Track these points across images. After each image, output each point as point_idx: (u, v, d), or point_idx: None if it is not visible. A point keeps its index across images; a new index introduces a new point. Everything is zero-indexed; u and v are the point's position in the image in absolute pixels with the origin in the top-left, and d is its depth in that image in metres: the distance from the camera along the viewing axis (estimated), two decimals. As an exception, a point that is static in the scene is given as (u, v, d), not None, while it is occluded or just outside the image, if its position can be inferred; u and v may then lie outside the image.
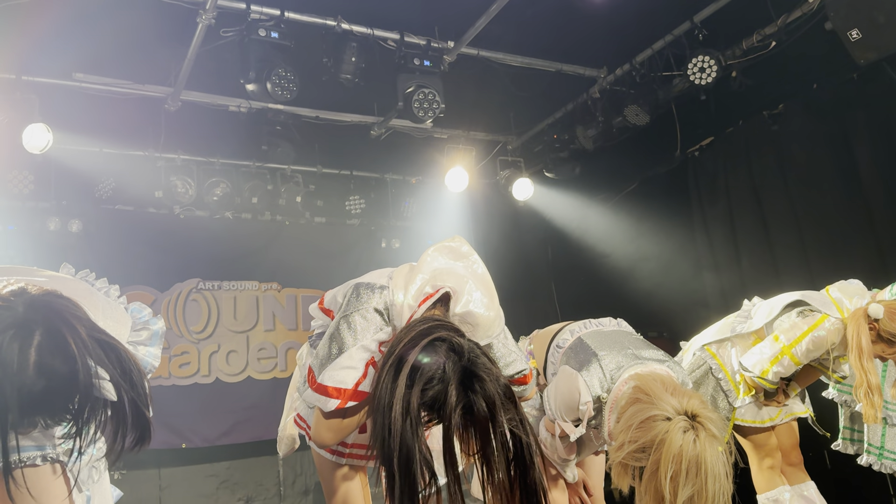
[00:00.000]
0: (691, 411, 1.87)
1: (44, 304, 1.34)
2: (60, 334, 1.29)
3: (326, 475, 2.06)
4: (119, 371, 1.35)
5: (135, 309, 1.97)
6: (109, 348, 1.36)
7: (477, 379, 1.48)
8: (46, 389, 1.26)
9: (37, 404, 1.29)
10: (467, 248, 1.92)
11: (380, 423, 1.48)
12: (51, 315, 1.32)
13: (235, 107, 5.27)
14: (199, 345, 5.92)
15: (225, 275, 6.16)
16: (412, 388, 1.46)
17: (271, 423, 5.84)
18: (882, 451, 2.98)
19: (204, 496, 5.81)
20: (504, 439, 1.47)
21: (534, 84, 5.35)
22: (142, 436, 1.39)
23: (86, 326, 1.36)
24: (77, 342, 1.29)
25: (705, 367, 3.01)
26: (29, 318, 1.29)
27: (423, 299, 1.74)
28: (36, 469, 1.60)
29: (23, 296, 1.34)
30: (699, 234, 5.65)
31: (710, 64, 4.75)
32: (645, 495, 1.88)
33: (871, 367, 2.56)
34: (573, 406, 2.13)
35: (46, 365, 1.26)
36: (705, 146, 5.67)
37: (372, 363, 1.72)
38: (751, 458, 3.04)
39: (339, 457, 2.02)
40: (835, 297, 2.78)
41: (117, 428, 1.36)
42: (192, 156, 5.73)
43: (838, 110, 4.74)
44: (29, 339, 1.27)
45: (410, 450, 1.43)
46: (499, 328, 1.84)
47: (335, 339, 1.74)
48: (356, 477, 2.06)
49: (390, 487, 1.46)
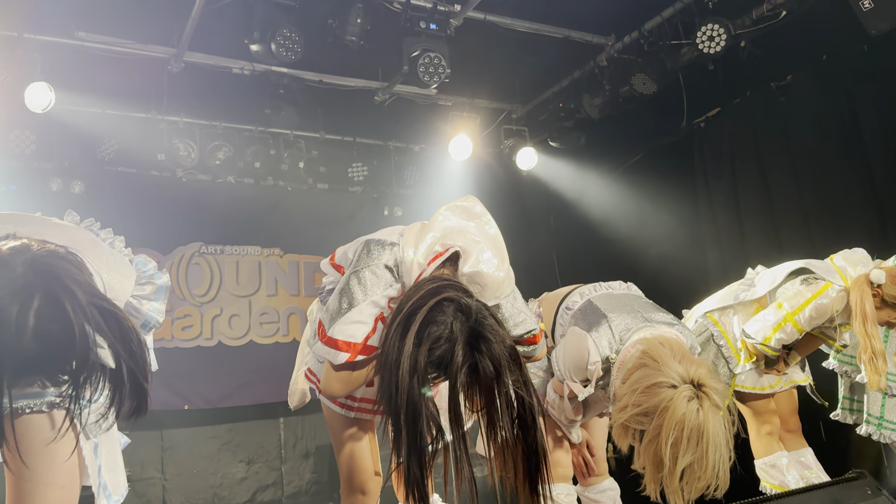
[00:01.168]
0: (697, 380, 1.88)
1: (44, 266, 1.32)
2: (59, 300, 1.26)
3: (336, 429, 2.08)
4: (118, 339, 1.33)
5: (140, 262, 1.94)
6: (109, 315, 1.34)
7: (483, 340, 1.49)
8: (43, 353, 1.25)
9: (33, 367, 1.29)
10: (480, 209, 1.92)
11: (387, 380, 1.50)
12: (50, 279, 1.29)
13: (239, 69, 5.22)
14: (201, 308, 5.95)
15: (227, 239, 6.16)
16: (420, 347, 1.48)
17: (273, 386, 5.96)
18: (882, 421, 3.01)
19: (205, 458, 5.88)
20: (508, 399, 1.49)
21: (540, 51, 5.30)
22: (139, 406, 1.38)
23: (86, 292, 1.33)
24: (75, 308, 1.27)
25: (707, 334, 3.03)
26: (28, 281, 1.27)
27: (433, 258, 1.74)
28: (42, 416, 1.61)
29: (24, 254, 1.31)
30: (703, 205, 5.64)
31: (720, 32, 4.70)
32: (644, 458, 1.90)
33: (875, 332, 2.57)
34: (582, 366, 2.15)
35: (44, 330, 1.24)
36: (712, 117, 5.63)
37: (381, 319, 1.73)
38: (749, 424, 3.07)
39: (347, 410, 2.04)
40: (839, 266, 2.78)
41: (114, 395, 1.35)
42: (195, 119, 5.70)
43: (847, 82, 4.70)
44: (28, 302, 1.25)
45: (417, 406, 1.45)
46: (508, 289, 1.84)
47: (345, 294, 1.75)
48: (365, 436, 2.08)
49: (396, 442, 1.48)
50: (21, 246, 1.33)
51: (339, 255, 2.03)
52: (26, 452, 1.58)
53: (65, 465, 1.62)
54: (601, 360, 2.12)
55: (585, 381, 2.19)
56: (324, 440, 6.18)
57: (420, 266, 1.74)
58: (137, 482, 5.41)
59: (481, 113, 6.28)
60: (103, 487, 1.74)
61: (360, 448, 2.05)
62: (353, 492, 2.05)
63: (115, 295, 1.68)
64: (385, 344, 1.55)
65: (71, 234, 1.69)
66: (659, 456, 1.84)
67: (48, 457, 1.60)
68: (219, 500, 5.84)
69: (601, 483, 2.58)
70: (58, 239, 1.51)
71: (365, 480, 2.05)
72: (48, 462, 1.60)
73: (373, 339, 1.72)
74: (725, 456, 1.81)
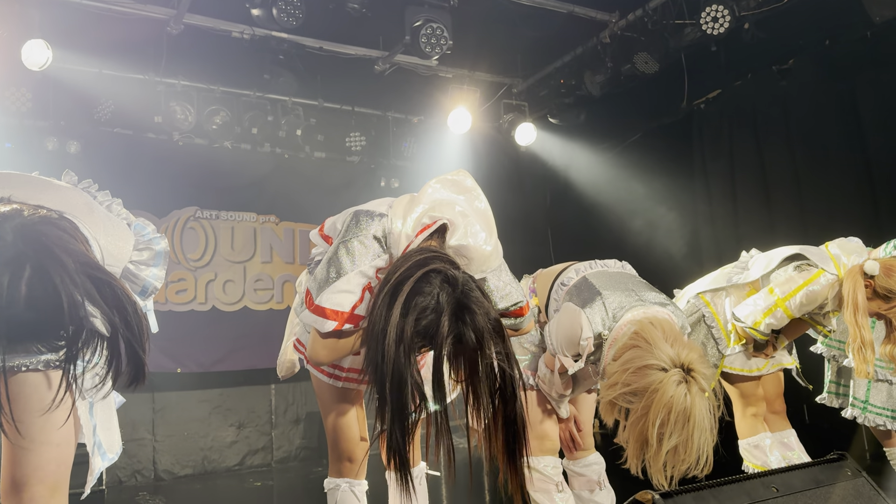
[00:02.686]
0: (687, 364, 1.92)
1: (35, 233, 1.29)
2: (47, 269, 1.24)
3: (324, 399, 2.11)
4: (113, 308, 1.31)
5: (138, 226, 1.89)
6: (103, 285, 1.32)
7: (468, 311, 1.51)
8: (36, 322, 1.25)
9: (27, 335, 1.29)
10: (471, 183, 1.92)
11: (373, 349, 1.53)
12: (40, 248, 1.26)
13: (239, 33, 5.17)
14: (195, 273, 5.95)
15: (223, 204, 6.15)
16: (406, 317, 1.50)
17: (266, 352, 6.00)
18: (866, 405, 3.06)
19: (196, 420, 5.93)
20: (490, 371, 1.52)
21: (544, 25, 5.25)
22: (136, 374, 1.37)
23: (78, 261, 1.30)
24: (64, 279, 1.25)
25: (698, 315, 3.06)
26: (19, 250, 1.25)
27: (421, 229, 1.75)
28: (37, 373, 1.62)
29: (14, 220, 1.29)
30: (699, 187, 5.66)
31: (724, 14, 4.68)
32: (629, 436, 1.94)
33: (865, 322, 2.61)
34: (574, 340, 2.18)
35: (36, 299, 1.23)
36: (712, 99, 5.62)
37: (368, 288, 1.75)
38: (735, 406, 3.12)
39: (335, 380, 2.07)
40: (833, 254, 2.80)
41: (110, 364, 1.34)
42: (193, 82, 5.65)
43: (848, 68, 4.69)
44: (19, 272, 1.23)
45: (402, 375, 1.48)
46: (496, 262, 1.86)
47: (333, 264, 1.77)
48: (353, 406, 2.12)
49: (381, 410, 1.51)
50: (12, 212, 1.31)
51: (328, 226, 2.04)
52: (22, 412, 1.59)
53: (60, 422, 1.62)
54: (593, 336, 2.15)
55: (577, 356, 2.22)
56: (314, 407, 6.24)
57: (408, 237, 1.75)
58: (128, 442, 5.46)
59: (481, 86, 6.24)
60: (98, 446, 1.76)
61: (348, 417, 2.10)
62: (340, 459, 2.10)
63: (113, 261, 1.66)
64: (372, 313, 1.57)
65: (67, 198, 1.67)
66: (644, 436, 1.88)
67: (44, 416, 1.61)
68: (208, 462, 5.91)
69: (587, 457, 2.63)
70: (53, 203, 1.48)
71: (351, 448, 2.09)
72: (43, 421, 1.61)
73: (360, 308, 1.74)
74: (710, 439, 1.85)
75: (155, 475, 5.70)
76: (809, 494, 1.38)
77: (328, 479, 2.15)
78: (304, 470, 5.99)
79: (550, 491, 2.51)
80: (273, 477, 5.79)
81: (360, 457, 2.09)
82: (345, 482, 2.10)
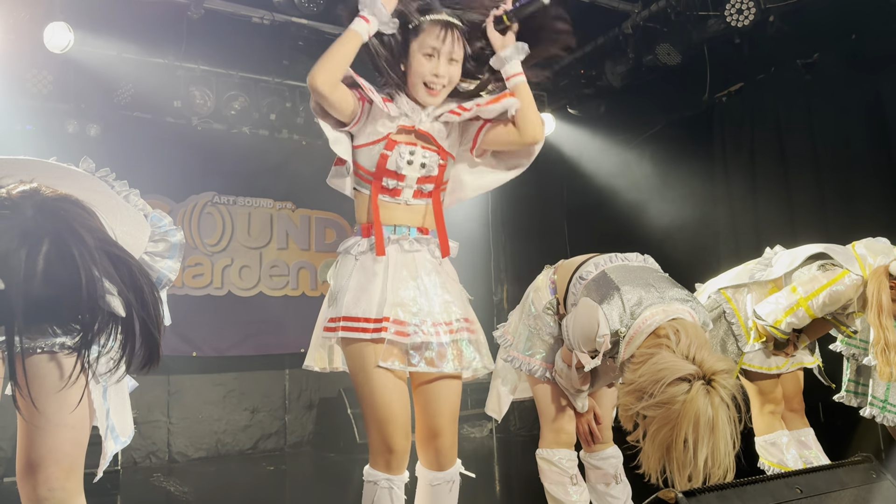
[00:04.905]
0: (710, 373, 1.88)
1: (54, 209, 1.28)
2: (66, 244, 1.24)
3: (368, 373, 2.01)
4: (129, 288, 1.31)
5: (154, 217, 1.88)
6: (121, 263, 1.31)
7: None
8: (53, 299, 1.23)
9: (43, 313, 1.27)
10: None
11: None
12: (59, 223, 1.26)
13: (259, 18, 5.17)
14: (212, 258, 5.98)
15: (240, 190, 6.16)
16: None
17: (281, 338, 6.03)
18: (886, 404, 3.03)
19: (211, 403, 5.98)
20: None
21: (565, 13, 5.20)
22: (150, 356, 1.37)
23: (97, 238, 1.30)
24: (83, 253, 1.24)
25: (719, 311, 3.03)
26: (38, 224, 1.24)
27: None
28: (53, 355, 1.64)
29: (33, 198, 1.28)
30: (719, 180, 5.60)
31: (749, 6, 4.62)
32: (650, 446, 1.90)
33: (889, 324, 2.58)
34: (591, 337, 2.17)
35: (54, 274, 1.22)
36: (734, 92, 5.56)
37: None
38: (753, 402, 3.10)
39: (374, 333, 1.99)
40: (859, 254, 2.77)
41: (125, 346, 1.33)
42: (212, 67, 5.65)
43: (874, 64, 4.62)
44: (37, 245, 1.22)
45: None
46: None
47: None
48: (400, 386, 2.02)
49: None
50: (31, 190, 1.31)
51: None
52: (38, 393, 1.61)
53: (75, 404, 1.64)
54: (610, 333, 2.13)
55: (594, 353, 2.20)
56: (327, 393, 6.28)
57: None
58: (143, 424, 5.52)
59: (501, 75, 6.19)
60: (111, 429, 1.76)
61: (393, 395, 1.99)
62: (381, 449, 2.00)
63: (128, 251, 1.67)
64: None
65: (85, 186, 1.66)
66: (667, 446, 1.85)
67: (59, 398, 1.63)
68: (222, 445, 5.97)
69: (605, 450, 2.61)
70: (72, 191, 1.48)
71: (395, 435, 1.98)
72: (59, 403, 1.63)
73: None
74: (732, 449, 1.83)
75: (169, 457, 5.76)
76: (833, 496, 1.37)
77: (368, 470, 2.04)
78: (317, 455, 6.04)
79: (565, 483, 2.50)
80: (285, 461, 5.84)
81: (404, 446, 2.00)
82: (384, 479, 1.99)
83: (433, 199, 2.13)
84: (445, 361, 2.01)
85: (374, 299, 2.01)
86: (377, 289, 2.02)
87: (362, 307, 2.01)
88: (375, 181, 2.09)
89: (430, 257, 2.11)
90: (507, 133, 2.11)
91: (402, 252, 2.08)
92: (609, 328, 2.14)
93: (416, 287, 2.04)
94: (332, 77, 1.98)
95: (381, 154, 2.06)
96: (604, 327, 2.14)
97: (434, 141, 2.10)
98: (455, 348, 2.05)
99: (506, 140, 2.13)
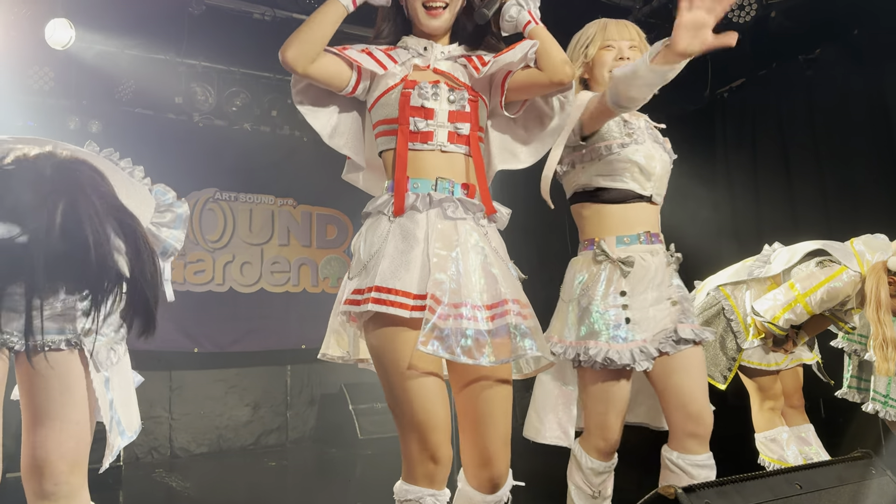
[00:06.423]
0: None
1: (70, 171, 1.37)
2: (79, 203, 1.32)
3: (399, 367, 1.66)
4: (132, 250, 1.37)
5: (158, 191, 1.90)
6: (127, 227, 1.38)
7: None
8: (68, 255, 1.29)
9: (59, 268, 1.32)
10: None
11: None
12: (73, 184, 1.35)
13: (260, 14, 5.15)
14: (214, 254, 6.00)
15: (241, 187, 6.18)
16: None
17: (282, 334, 6.05)
18: (888, 399, 3.04)
19: (212, 399, 6.00)
20: None
21: (565, 9, 5.19)
22: (146, 324, 1.39)
23: (107, 200, 1.38)
24: (92, 214, 1.32)
25: (718, 307, 3.05)
26: (56, 182, 1.33)
27: None
28: (59, 353, 1.66)
29: (51, 159, 1.38)
30: (720, 177, 5.59)
31: (751, 1, 4.61)
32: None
33: (887, 320, 2.59)
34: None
35: (70, 230, 1.29)
36: (735, 88, 5.55)
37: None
38: (752, 399, 3.11)
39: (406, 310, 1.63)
40: (857, 250, 2.77)
41: (127, 309, 1.39)
42: (214, 63, 5.65)
43: (876, 59, 4.60)
44: (56, 201, 1.30)
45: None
46: None
47: None
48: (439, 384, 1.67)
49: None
50: (47, 153, 1.40)
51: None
52: (42, 389, 1.64)
53: (79, 401, 1.67)
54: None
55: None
56: (328, 389, 6.29)
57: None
58: (145, 420, 5.50)
59: (502, 72, 6.19)
60: (117, 422, 1.77)
61: (432, 394, 1.63)
62: (419, 459, 1.63)
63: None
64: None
65: (91, 159, 1.71)
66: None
67: (63, 394, 1.65)
68: (224, 441, 5.99)
69: (700, 455, 2.10)
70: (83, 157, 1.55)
71: (438, 441, 1.62)
72: (63, 399, 1.65)
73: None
74: None
75: (171, 453, 5.78)
76: (833, 492, 1.38)
77: (405, 487, 1.64)
78: (318, 450, 6.06)
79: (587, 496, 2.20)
80: (287, 457, 5.86)
81: (450, 456, 1.65)
82: (429, 495, 1.62)
83: (472, 146, 1.82)
84: (483, 354, 1.60)
85: (415, 272, 1.65)
86: (417, 258, 1.67)
87: (402, 278, 1.64)
88: (402, 126, 1.78)
89: (475, 226, 1.76)
90: (533, 75, 1.83)
91: (444, 218, 1.72)
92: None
93: (454, 262, 1.67)
94: (308, 49, 1.76)
95: (401, 94, 1.79)
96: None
97: (456, 79, 1.84)
98: (500, 337, 1.64)
99: (533, 81, 1.84)
